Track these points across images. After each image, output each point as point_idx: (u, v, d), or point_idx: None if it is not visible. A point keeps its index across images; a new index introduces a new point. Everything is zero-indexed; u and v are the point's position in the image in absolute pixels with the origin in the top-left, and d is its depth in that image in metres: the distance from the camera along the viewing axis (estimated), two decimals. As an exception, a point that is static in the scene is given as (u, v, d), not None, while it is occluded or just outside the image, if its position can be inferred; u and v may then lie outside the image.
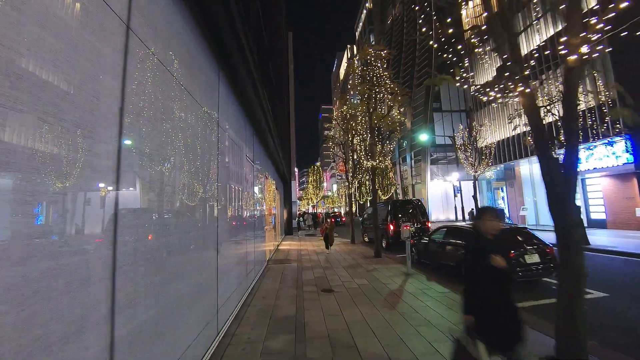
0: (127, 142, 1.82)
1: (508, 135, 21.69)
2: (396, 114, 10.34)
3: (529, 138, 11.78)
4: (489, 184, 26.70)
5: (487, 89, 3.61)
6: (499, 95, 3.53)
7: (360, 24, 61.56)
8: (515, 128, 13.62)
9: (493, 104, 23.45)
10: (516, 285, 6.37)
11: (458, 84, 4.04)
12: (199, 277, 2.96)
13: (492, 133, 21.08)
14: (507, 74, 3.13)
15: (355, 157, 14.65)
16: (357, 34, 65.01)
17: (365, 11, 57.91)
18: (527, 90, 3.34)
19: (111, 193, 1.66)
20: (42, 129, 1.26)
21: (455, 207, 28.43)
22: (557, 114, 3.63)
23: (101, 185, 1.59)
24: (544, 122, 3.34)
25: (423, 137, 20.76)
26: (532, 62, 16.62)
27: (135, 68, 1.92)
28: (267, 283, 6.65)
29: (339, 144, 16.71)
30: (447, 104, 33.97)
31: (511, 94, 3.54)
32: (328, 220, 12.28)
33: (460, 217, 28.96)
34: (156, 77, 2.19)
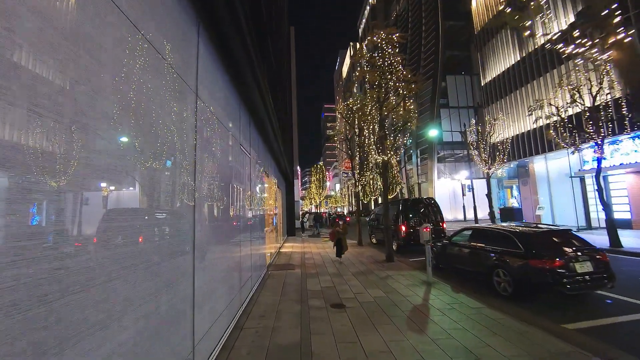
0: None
1: (523, 131, 20.59)
2: (409, 103, 9.35)
3: (551, 131, 10.57)
4: (499, 182, 25.57)
5: (562, 44, 2.64)
6: (580, 50, 2.55)
7: (364, 20, 60.54)
8: (536, 120, 12.59)
9: (506, 98, 22.35)
10: (563, 300, 5.39)
11: (527, 33, 3.07)
12: (159, 308, 2.01)
13: (507, 128, 19.94)
14: (605, 12, 2.15)
15: (362, 152, 13.69)
16: (360, 30, 63.99)
17: (368, 7, 56.88)
18: (627, 39, 2.34)
19: None
20: None
21: (464, 207, 27.33)
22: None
23: None
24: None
25: (433, 132, 19.71)
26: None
27: None
28: (266, 295, 5.69)
29: (344, 140, 15.74)
30: (454, 100, 32.84)
31: (595, 50, 2.55)
32: (340, 222, 10.01)
33: (469, 216, 27.88)
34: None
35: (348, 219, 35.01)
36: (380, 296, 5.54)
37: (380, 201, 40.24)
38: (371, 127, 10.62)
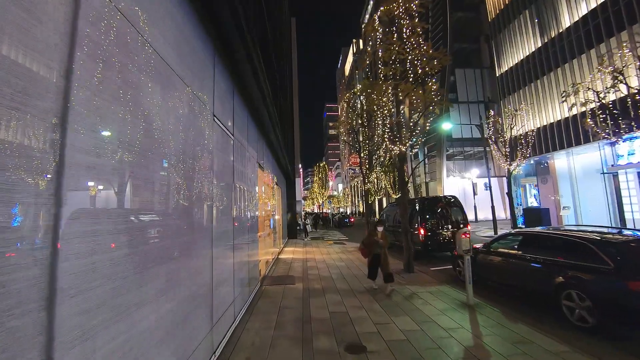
0: None
1: (545, 123, 18.93)
2: (431, 82, 7.80)
3: (588, 120, 8.72)
4: (515, 180, 23.93)
5: None
6: None
7: (367, 15, 59.06)
8: (571, 107, 11.04)
9: (525, 88, 20.69)
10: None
11: None
12: None
13: (528, 120, 18.26)
14: None
15: (371, 145, 12.18)
16: (363, 27, 62.46)
17: (372, 2, 55.41)
18: None
19: None
20: None
21: (475, 207, 25.69)
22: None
23: None
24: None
25: (446, 125, 18.10)
26: None
27: None
28: (253, 329, 4.15)
29: (350, 133, 14.23)
30: (463, 95, 31.21)
31: None
32: (377, 230, 6.38)
33: (480, 217, 26.23)
34: None
35: (352, 219, 33.44)
36: (413, 330, 4.00)
37: (385, 202, 38.63)
38: (385, 111, 9.07)
